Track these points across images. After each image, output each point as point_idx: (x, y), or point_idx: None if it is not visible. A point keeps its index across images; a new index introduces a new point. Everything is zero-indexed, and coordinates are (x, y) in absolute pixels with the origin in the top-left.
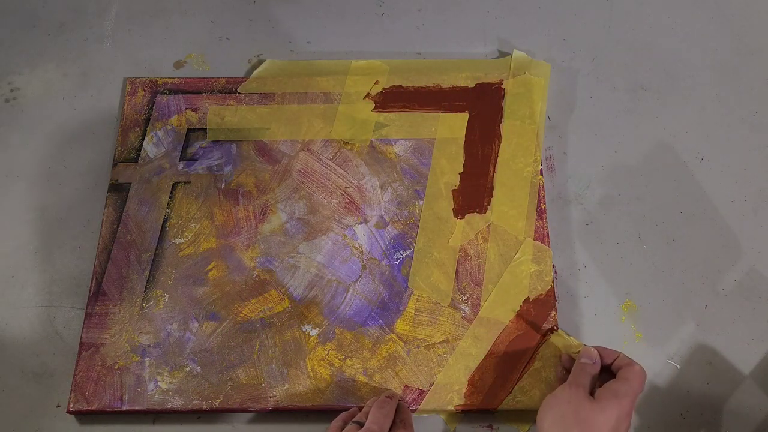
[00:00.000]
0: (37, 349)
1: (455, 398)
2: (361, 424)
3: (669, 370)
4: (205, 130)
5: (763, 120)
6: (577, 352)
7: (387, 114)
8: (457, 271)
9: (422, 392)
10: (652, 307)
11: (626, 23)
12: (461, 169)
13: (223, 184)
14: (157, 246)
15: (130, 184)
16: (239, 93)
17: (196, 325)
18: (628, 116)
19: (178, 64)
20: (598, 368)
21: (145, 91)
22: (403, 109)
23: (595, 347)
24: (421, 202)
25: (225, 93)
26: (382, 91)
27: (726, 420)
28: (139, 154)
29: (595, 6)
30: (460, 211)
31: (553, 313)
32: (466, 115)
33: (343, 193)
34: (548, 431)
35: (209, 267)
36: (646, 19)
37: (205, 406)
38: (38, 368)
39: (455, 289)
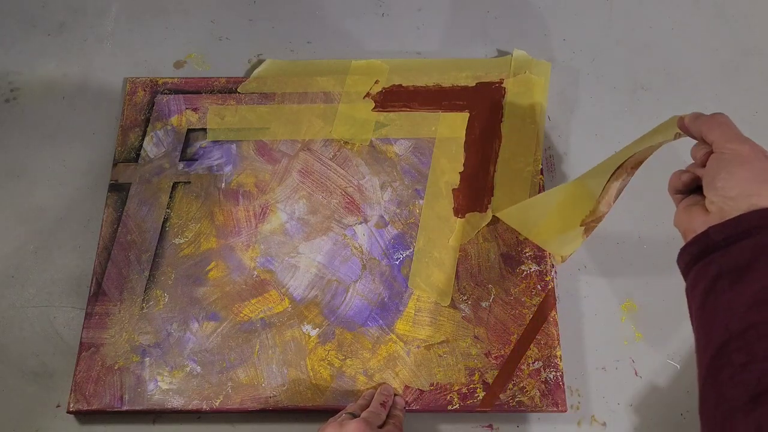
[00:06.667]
0: (37, 349)
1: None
2: (354, 416)
3: (669, 370)
4: (205, 130)
5: (763, 120)
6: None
7: (387, 113)
8: (457, 271)
9: (422, 392)
10: (652, 307)
11: (626, 23)
12: (461, 169)
13: (223, 184)
14: (157, 246)
15: (130, 184)
16: (239, 93)
17: (196, 325)
18: (628, 116)
19: (178, 64)
20: None
21: (145, 91)
22: (403, 109)
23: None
24: (421, 201)
25: (225, 93)
26: (382, 91)
27: None
28: (139, 154)
29: (595, 6)
30: (460, 211)
31: (553, 313)
32: (466, 115)
33: (343, 192)
34: (738, 188)
35: (209, 267)
36: (646, 19)
37: (205, 406)
38: (38, 368)
39: (455, 289)
